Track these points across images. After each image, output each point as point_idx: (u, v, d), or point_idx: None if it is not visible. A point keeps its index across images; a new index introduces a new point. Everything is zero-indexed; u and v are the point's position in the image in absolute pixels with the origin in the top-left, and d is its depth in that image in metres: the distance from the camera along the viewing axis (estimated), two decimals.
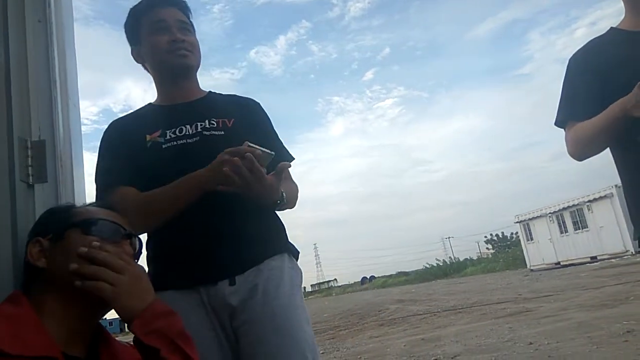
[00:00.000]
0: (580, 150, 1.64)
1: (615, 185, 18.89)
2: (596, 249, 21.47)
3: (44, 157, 1.25)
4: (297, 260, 1.52)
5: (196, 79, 1.60)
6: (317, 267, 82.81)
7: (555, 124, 1.72)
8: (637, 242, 1.61)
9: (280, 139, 1.64)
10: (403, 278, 49.22)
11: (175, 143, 1.44)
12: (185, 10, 1.55)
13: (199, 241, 1.36)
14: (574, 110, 1.64)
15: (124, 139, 1.47)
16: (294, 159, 1.62)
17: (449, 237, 61.87)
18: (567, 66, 1.70)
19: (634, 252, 18.11)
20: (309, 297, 58.54)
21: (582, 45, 1.70)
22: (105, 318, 1.19)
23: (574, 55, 1.70)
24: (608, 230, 20.35)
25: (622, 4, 1.67)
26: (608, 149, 1.63)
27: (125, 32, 1.58)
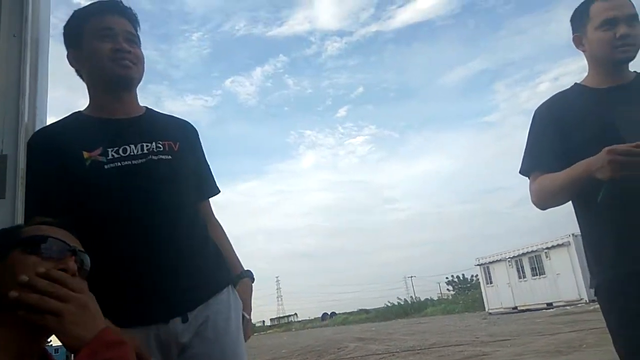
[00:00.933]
0: (544, 201, 1.71)
1: (573, 234, 19.52)
2: (552, 295, 21.93)
3: (4, 173, 1.21)
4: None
5: (136, 93, 1.51)
6: (278, 300, 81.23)
7: (520, 172, 1.78)
8: (593, 290, 1.66)
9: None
10: (364, 315, 48.81)
11: (119, 164, 1.33)
12: (134, 22, 1.48)
13: (147, 277, 1.29)
14: (539, 161, 1.71)
15: (57, 155, 1.31)
16: (219, 191, 1.64)
17: (411, 277, 61.98)
18: (533, 117, 1.78)
19: (587, 301, 18.58)
20: (268, 331, 57.20)
21: (547, 99, 1.79)
22: (52, 344, 1.13)
23: (539, 107, 1.78)
24: (564, 277, 20.87)
25: (584, 61, 1.77)
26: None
27: (65, 33, 1.46)
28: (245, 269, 1.62)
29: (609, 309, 1.60)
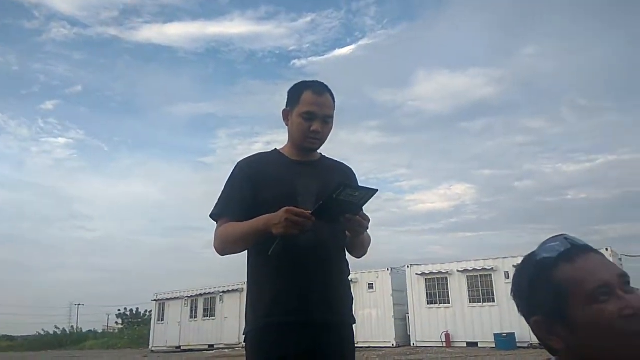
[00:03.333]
0: (224, 247, 1.81)
1: (245, 282, 21.41)
2: (216, 337, 23.16)
3: None
4: None
5: None
6: None
7: (210, 216, 1.85)
8: (244, 336, 1.81)
9: None
10: (7, 343, 41.08)
11: None
12: None
13: None
14: (229, 209, 1.82)
15: None
16: None
17: (79, 304, 55.85)
18: (234, 168, 1.91)
19: (243, 346, 20.37)
20: None
21: (250, 155, 1.95)
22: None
23: (241, 160, 1.92)
24: (230, 321, 22.41)
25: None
26: None
27: None
28: None
29: (253, 355, 1.76)
